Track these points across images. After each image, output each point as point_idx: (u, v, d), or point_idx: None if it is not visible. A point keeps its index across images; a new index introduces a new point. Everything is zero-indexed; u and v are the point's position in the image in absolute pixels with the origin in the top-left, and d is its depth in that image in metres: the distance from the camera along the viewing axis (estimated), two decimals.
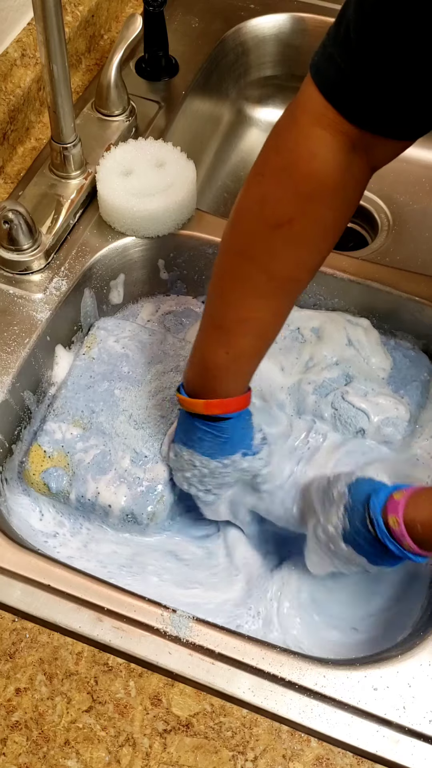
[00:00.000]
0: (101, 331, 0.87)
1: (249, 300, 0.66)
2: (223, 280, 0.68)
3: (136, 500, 0.77)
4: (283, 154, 0.61)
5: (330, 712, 0.61)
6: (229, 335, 0.68)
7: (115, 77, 0.93)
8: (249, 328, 0.68)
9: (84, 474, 0.78)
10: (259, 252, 0.64)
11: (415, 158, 1.16)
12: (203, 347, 0.70)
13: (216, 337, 0.69)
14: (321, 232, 0.64)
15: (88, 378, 0.84)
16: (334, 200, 0.61)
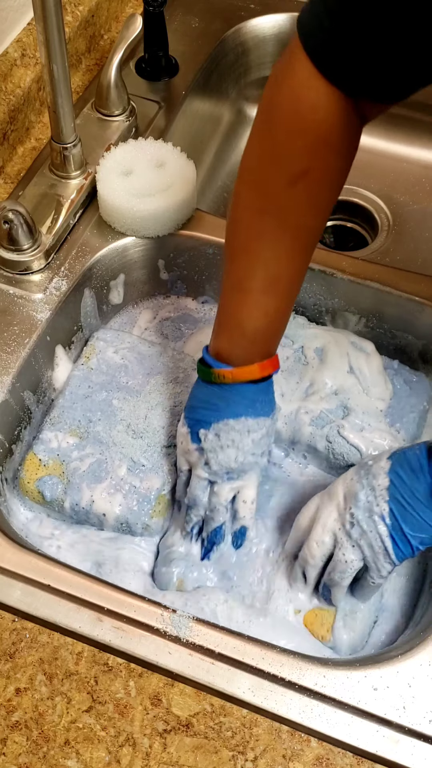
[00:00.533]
0: (100, 342, 0.87)
1: (277, 258, 0.68)
2: (247, 239, 0.68)
3: (131, 509, 0.77)
4: (286, 108, 0.62)
5: (330, 712, 0.61)
6: (265, 296, 0.69)
7: (115, 77, 0.93)
8: (281, 287, 0.69)
9: (79, 482, 0.78)
10: (282, 207, 0.65)
11: (415, 158, 1.16)
12: (237, 313, 0.71)
13: (251, 301, 0.70)
14: (336, 179, 0.66)
15: (86, 388, 0.84)
16: (341, 147, 0.63)
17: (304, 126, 0.61)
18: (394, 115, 1.16)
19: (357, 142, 0.65)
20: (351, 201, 1.13)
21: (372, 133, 1.17)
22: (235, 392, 0.72)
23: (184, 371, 0.85)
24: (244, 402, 0.72)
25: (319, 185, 0.64)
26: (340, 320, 0.91)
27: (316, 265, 0.87)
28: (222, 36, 1.09)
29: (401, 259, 1.07)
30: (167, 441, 0.80)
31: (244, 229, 0.68)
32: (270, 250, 0.67)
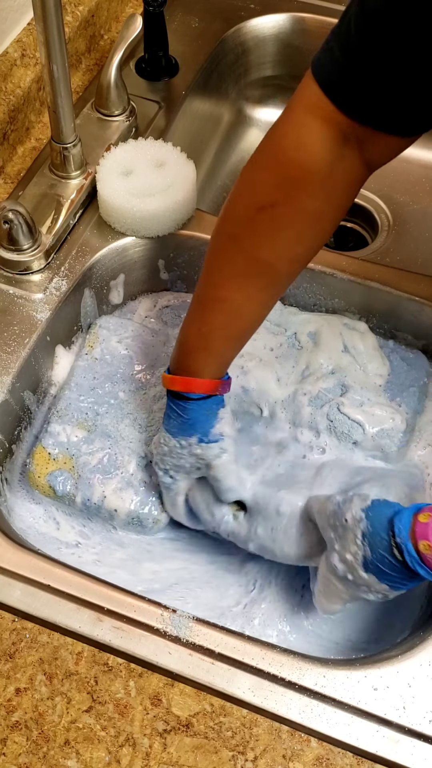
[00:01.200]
0: (103, 330, 0.87)
1: (226, 280, 0.68)
2: (209, 259, 0.70)
3: (142, 505, 0.77)
4: (273, 141, 0.63)
5: (330, 712, 0.61)
6: (204, 312, 0.70)
7: (115, 77, 0.93)
8: (222, 307, 0.69)
9: (90, 477, 0.78)
10: (242, 233, 0.66)
11: (415, 158, 1.16)
12: (184, 323, 0.72)
13: (194, 314, 0.71)
14: (304, 220, 0.65)
15: (91, 379, 0.84)
16: (319, 190, 0.63)
17: (283, 158, 0.62)
18: None
19: (347, 192, 0.65)
20: None
21: None
22: (167, 398, 0.74)
23: None
24: (166, 409, 0.74)
25: (284, 221, 0.64)
26: None
27: (316, 265, 0.87)
28: (222, 36, 1.09)
29: (401, 259, 1.07)
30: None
31: (209, 246, 0.70)
32: (219, 271, 0.69)
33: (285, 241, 0.66)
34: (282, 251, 0.67)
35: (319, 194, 0.63)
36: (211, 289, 0.70)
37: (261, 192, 0.64)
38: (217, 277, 0.69)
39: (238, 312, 0.70)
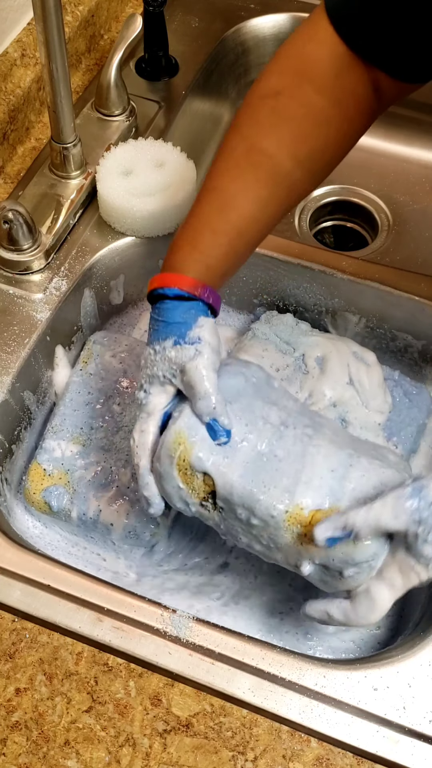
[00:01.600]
0: (97, 345, 0.87)
1: (224, 169, 0.66)
2: (214, 157, 0.68)
3: (138, 518, 0.77)
4: (284, 46, 0.65)
5: (330, 712, 0.61)
6: (197, 204, 0.67)
7: (115, 77, 0.93)
8: (214, 197, 0.66)
9: (85, 492, 0.78)
10: (245, 121, 0.65)
11: (415, 158, 1.16)
12: (177, 230, 0.69)
13: (189, 211, 0.68)
14: (308, 116, 0.64)
15: (86, 394, 0.83)
16: (325, 88, 0.63)
17: (291, 50, 0.64)
18: (394, 115, 1.16)
19: (359, 108, 0.65)
20: (351, 201, 1.13)
21: (372, 133, 1.16)
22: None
23: None
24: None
25: (287, 111, 0.64)
26: (341, 320, 0.91)
27: (316, 265, 0.87)
28: (222, 36, 1.09)
29: (401, 259, 1.07)
30: None
31: (223, 144, 0.67)
32: (219, 161, 0.66)
33: (287, 135, 0.64)
34: (283, 144, 0.65)
35: (325, 92, 0.63)
36: (208, 180, 0.67)
37: (267, 82, 0.64)
38: (214, 168, 0.66)
39: (230, 203, 0.65)
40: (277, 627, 0.76)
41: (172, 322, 0.65)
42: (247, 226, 0.66)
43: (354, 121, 0.66)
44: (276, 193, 0.66)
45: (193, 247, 0.66)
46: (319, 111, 0.64)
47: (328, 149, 0.66)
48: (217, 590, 0.78)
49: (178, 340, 0.65)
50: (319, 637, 0.75)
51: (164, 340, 0.65)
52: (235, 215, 0.65)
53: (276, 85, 0.64)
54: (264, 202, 0.66)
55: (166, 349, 0.65)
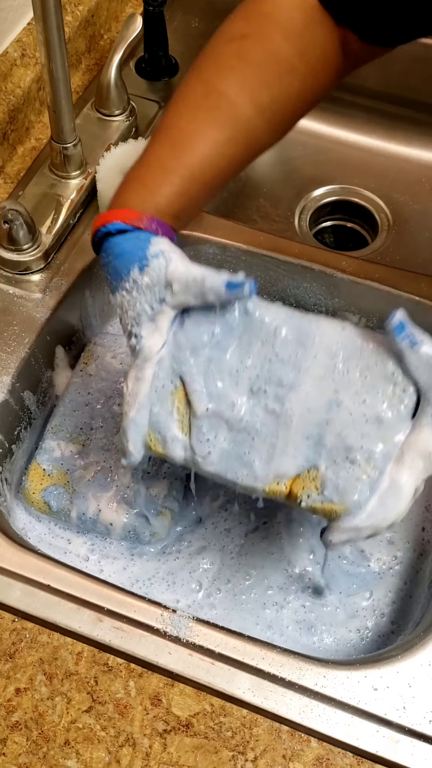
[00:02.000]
0: (98, 347, 0.87)
1: (180, 109, 0.63)
2: (171, 99, 0.65)
3: (138, 518, 0.77)
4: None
5: (330, 712, 0.61)
6: (149, 145, 0.64)
7: (115, 77, 0.93)
8: (168, 135, 0.63)
9: (85, 492, 0.77)
10: (207, 63, 0.64)
11: (415, 158, 1.16)
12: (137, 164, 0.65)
13: (140, 154, 0.65)
14: (272, 63, 0.62)
15: (86, 395, 0.83)
16: (292, 36, 0.62)
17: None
18: (394, 115, 1.17)
19: (326, 63, 0.63)
20: (351, 201, 1.13)
21: (372, 133, 1.17)
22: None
23: None
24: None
25: (251, 54, 0.62)
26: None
27: (316, 265, 0.87)
28: None
29: (401, 259, 1.07)
30: None
31: (181, 85, 0.65)
32: (176, 103, 0.64)
33: (250, 80, 0.63)
34: (245, 89, 0.62)
35: (292, 41, 0.61)
36: (163, 120, 0.64)
37: (233, 25, 0.63)
38: (170, 108, 0.64)
39: (185, 143, 0.62)
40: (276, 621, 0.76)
41: (124, 252, 0.60)
42: (202, 167, 0.63)
43: (318, 76, 0.64)
44: (234, 138, 0.63)
45: (142, 185, 0.62)
46: (285, 59, 0.62)
47: (290, 100, 0.64)
48: (203, 581, 0.78)
49: (142, 263, 0.60)
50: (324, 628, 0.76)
51: (128, 274, 0.60)
52: (188, 155, 0.62)
53: (242, 28, 0.62)
54: (220, 145, 0.63)
55: (136, 281, 0.60)
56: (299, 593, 0.77)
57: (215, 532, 0.80)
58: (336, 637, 0.76)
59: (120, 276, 0.61)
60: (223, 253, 0.89)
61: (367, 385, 0.60)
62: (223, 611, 0.76)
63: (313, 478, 0.60)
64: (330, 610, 0.77)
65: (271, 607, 0.76)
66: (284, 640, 0.75)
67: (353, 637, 0.76)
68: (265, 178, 1.14)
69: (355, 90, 1.16)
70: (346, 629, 0.76)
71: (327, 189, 1.13)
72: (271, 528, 0.81)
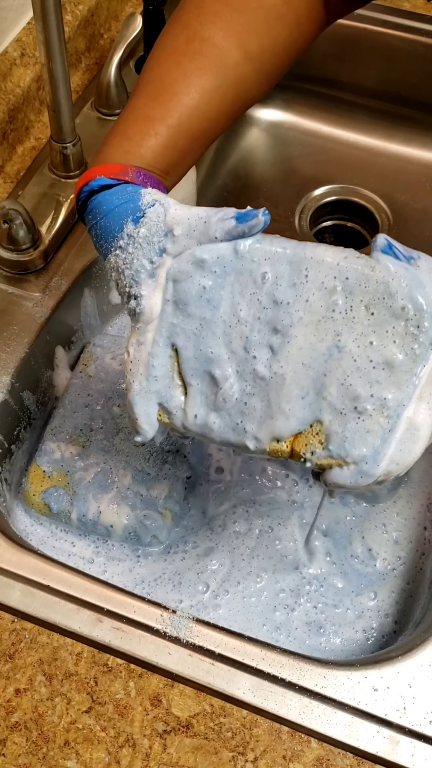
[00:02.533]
0: (97, 348, 0.87)
1: (163, 59, 0.59)
2: (151, 51, 0.61)
3: (138, 520, 0.77)
4: None
5: (330, 712, 0.61)
6: (130, 99, 0.60)
7: (114, 76, 0.93)
8: (151, 87, 0.58)
9: (85, 493, 0.77)
10: (189, 11, 0.59)
11: (415, 158, 1.16)
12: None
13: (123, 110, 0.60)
14: (259, 8, 0.59)
15: (85, 396, 0.83)
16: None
17: None
18: (394, 115, 1.17)
19: (310, 13, 0.61)
20: (351, 201, 1.13)
21: (372, 133, 1.17)
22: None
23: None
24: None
25: (237, 3, 0.59)
26: None
27: None
28: None
29: None
30: (168, 446, 0.80)
31: (161, 35, 0.61)
32: (157, 54, 0.60)
33: (236, 25, 0.59)
34: (231, 35, 0.59)
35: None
36: (143, 72, 0.59)
37: None
38: (153, 60, 0.59)
39: (168, 91, 0.58)
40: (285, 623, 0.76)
41: (113, 207, 0.55)
42: (189, 117, 0.58)
43: (303, 28, 0.62)
44: (221, 86, 0.59)
45: (124, 137, 0.57)
46: (272, 5, 0.59)
47: (278, 50, 0.61)
48: (209, 582, 0.78)
49: (136, 214, 0.55)
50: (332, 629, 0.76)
51: (120, 229, 0.55)
52: (174, 105, 0.58)
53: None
54: (208, 93, 0.59)
55: (131, 235, 0.55)
56: (311, 595, 0.77)
57: (223, 534, 0.80)
58: (343, 637, 0.76)
59: (112, 234, 0.56)
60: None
61: (373, 324, 0.54)
62: (228, 611, 0.76)
63: (316, 432, 0.56)
64: (341, 612, 0.77)
65: (281, 610, 0.76)
66: (290, 640, 0.75)
67: (359, 637, 0.75)
68: (265, 177, 1.13)
69: (355, 90, 1.16)
70: (353, 629, 0.76)
71: (327, 189, 1.13)
72: (284, 529, 0.81)
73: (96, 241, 0.58)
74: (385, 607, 0.77)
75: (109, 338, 0.89)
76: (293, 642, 0.75)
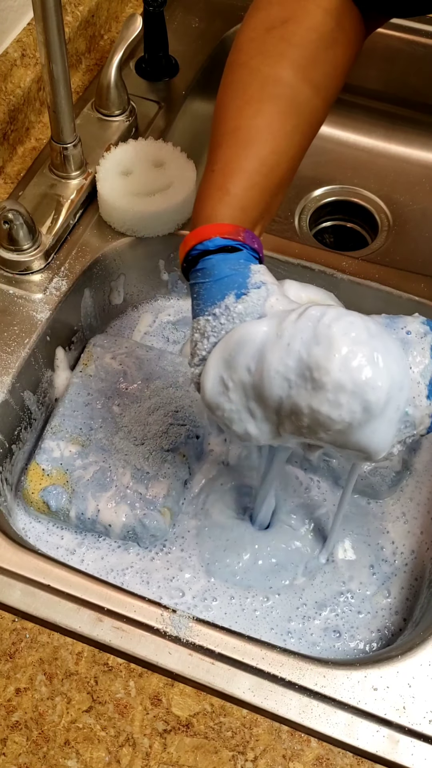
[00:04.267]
0: (97, 348, 0.87)
1: (241, 108, 0.61)
2: (221, 96, 0.63)
3: (137, 519, 0.77)
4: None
5: (330, 712, 0.61)
6: (217, 150, 0.61)
7: (115, 77, 0.93)
8: (237, 137, 0.60)
9: (84, 491, 0.77)
10: (253, 56, 0.62)
11: (415, 158, 1.16)
12: (201, 183, 0.62)
13: (208, 159, 0.62)
14: (317, 40, 0.62)
15: (85, 395, 0.83)
16: (330, 7, 0.62)
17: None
18: (394, 115, 1.17)
19: (357, 33, 0.64)
20: (351, 201, 1.13)
21: (372, 133, 1.17)
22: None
23: (183, 375, 0.85)
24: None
25: (296, 35, 0.62)
26: None
27: (316, 265, 0.87)
28: (222, 36, 1.09)
29: (401, 259, 1.07)
30: (168, 445, 0.80)
31: (220, 85, 0.63)
32: (231, 102, 0.62)
33: (300, 60, 0.62)
34: (299, 71, 0.62)
35: (332, 13, 0.62)
36: (224, 123, 0.61)
37: (268, 13, 0.62)
38: (229, 110, 0.61)
39: (257, 140, 0.60)
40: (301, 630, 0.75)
41: (223, 276, 0.57)
42: (278, 161, 0.61)
43: (353, 46, 0.64)
44: (300, 124, 0.62)
45: (225, 192, 0.59)
46: (329, 32, 0.62)
47: (336, 72, 0.64)
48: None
49: (240, 291, 0.56)
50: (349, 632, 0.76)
51: (222, 299, 0.56)
52: (264, 151, 0.60)
53: (280, 14, 0.61)
54: (290, 134, 0.62)
55: (229, 307, 0.56)
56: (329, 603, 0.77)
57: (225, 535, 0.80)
58: (360, 639, 0.75)
59: (213, 299, 0.57)
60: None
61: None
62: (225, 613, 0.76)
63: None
64: (357, 614, 0.77)
65: (296, 619, 0.76)
66: (302, 644, 0.75)
67: (374, 637, 0.75)
68: None
69: (355, 90, 1.16)
70: (368, 630, 0.76)
71: (327, 189, 1.13)
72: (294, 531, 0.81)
73: (195, 299, 0.59)
74: (396, 605, 0.77)
75: (109, 338, 0.89)
76: (303, 644, 0.75)
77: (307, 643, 0.74)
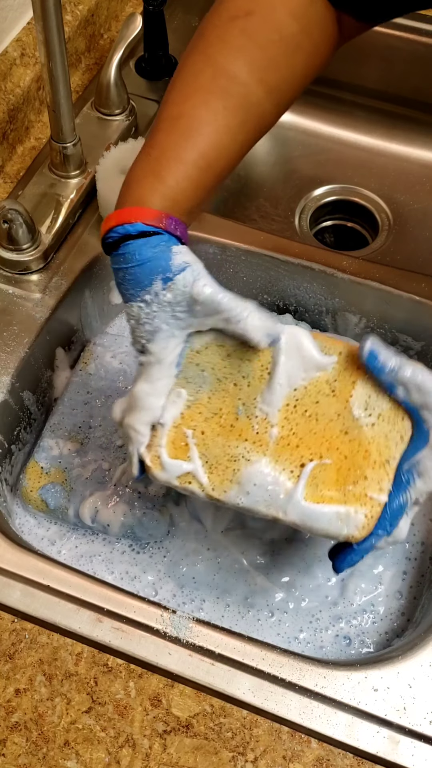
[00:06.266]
0: (98, 347, 0.87)
1: (188, 95, 0.60)
2: (173, 79, 0.62)
3: (135, 518, 0.77)
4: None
5: (330, 713, 0.61)
6: (157, 134, 0.60)
7: (114, 76, 0.93)
8: (178, 125, 0.59)
9: (82, 490, 0.77)
10: (212, 43, 0.60)
11: (415, 158, 1.16)
12: (136, 161, 0.61)
13: (146, 141, 0.61)
14: (278, 42, 0.60)
15: (84, 394, 0.83)
16: (297, 11, 0.60)
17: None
18: (394, 114, 1.17)
19: (326, 38, 0.63)
20: (351, 201, 1.13)
21: (372, 133, 1.17)
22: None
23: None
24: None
25: (257, 32, 0.60)
26: (341, 320, 0.91)
27: (316, 265, 0.87)
28: None
29: (401, 259, 1.07)
30: None
31: (179, 65, 0.62)
32: (181, 88, 0.61)
33: (259, 60, 0.60)
34: (255, 70, 0.60)
35: (298, 18, 0.60)
36: (169, 107, 0.60)
37: (234, 1, 0.60)
38: (177, 94, 0.60)
39: (198, 132, 0.59)
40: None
41: (145, 260, 0.56)
42: (217, 156, 0.60)
43: (320, 54, 0.63)
44: (246, 123, 0.61)
45: (157, 179, 0.58)
46: (291, 37, 0.60)
47: (296, 80, 0.63)
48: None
49: (166, 275, 0.56)
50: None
51: (149, 285, 0.56)
52: (204, 144, 0.59)
53: (247, 4, 0.60)
54: (234, 131, 0.61)
55: (158, 295, 0.56)
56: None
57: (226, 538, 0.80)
58: (372, 641, 0.75)
59: (140, 285, 0.57)
60: (223, 253, 0.89)
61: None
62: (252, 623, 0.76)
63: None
64: (363, 616, 0.77)
65: (307, 628, 0.76)
66: (309, 646, 0.74)
67: (381, 640, 0.75)
68: (265, 178, 1.13)
69: (355, 90, 1.16)
70: (377, 633, 0.75)
71: (327, 189, 1.13)
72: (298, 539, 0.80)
73: (121, 284, 0.58)
74: (402, 606, 0.77)
75: (109, 337, 0.89)
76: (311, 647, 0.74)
77: (314, 647, 0.74)
